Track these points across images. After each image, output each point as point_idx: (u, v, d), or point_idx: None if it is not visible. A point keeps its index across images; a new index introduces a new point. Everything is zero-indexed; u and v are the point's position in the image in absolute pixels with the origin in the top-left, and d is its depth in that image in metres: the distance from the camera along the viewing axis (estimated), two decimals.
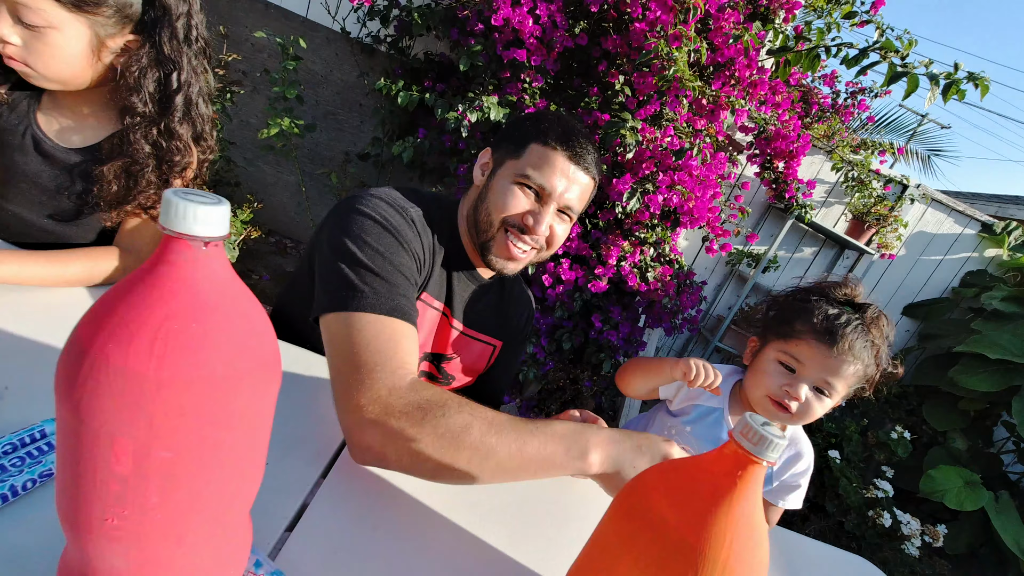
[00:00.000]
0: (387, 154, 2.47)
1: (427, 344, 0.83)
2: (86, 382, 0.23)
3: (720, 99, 1.68)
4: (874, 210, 2.69)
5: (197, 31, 0.71)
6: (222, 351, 0.26)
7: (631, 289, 2.10)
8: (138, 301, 0.24)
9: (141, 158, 0.69)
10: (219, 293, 0.26)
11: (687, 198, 1.71)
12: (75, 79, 0.67)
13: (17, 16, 0.59)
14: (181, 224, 0.24)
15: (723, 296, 3.15)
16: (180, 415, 0.25)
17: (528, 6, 1.69)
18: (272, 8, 2.41)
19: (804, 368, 0.77)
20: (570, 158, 0.72)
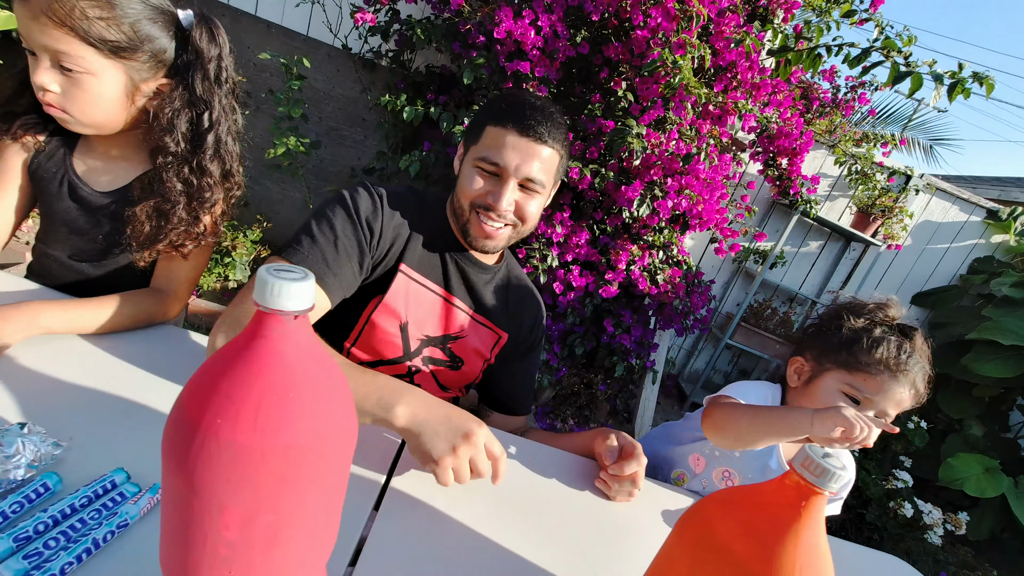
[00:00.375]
0: (392, 168, 2.49)
1: (429, 327, 0.84)
2: (198, 456, 0.25)
3: (727, 104, 1.69)
4: (879, 202, 2.69)
5: (227, 72, 0.73)
6: (314, 417, 0.27)
7: (641, 292, 2.12)
8: (239, 376, 0.26)
9: (173, 196, 0.71)
10: (307, 361, 0.28)
11: (696, 202, 1.73)
12: (110, 123, 0.68)
13: (58, 63, 0.61)
14: (276, 301, 0.26)
15: (731, 293, 3.16)
16: (282, 481, 0.26)
17: (530, 18, 1.71)
18: (274, 28, 2.43)
19: (870, 401, 0.78)
20: (521, 132, 0.74)
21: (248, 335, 0.27)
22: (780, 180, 2.39)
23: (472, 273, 0.86)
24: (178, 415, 0.26)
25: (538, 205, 0.80)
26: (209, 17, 0.71)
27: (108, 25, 0.61)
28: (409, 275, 0.81)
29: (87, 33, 0.60)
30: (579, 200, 1.99)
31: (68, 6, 0.58)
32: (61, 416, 0.51)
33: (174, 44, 0.69)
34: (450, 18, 1.93)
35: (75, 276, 0.77)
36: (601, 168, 1.83)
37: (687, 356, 3.36)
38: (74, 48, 0.60)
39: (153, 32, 0.65)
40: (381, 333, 0.81)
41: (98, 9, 0.60)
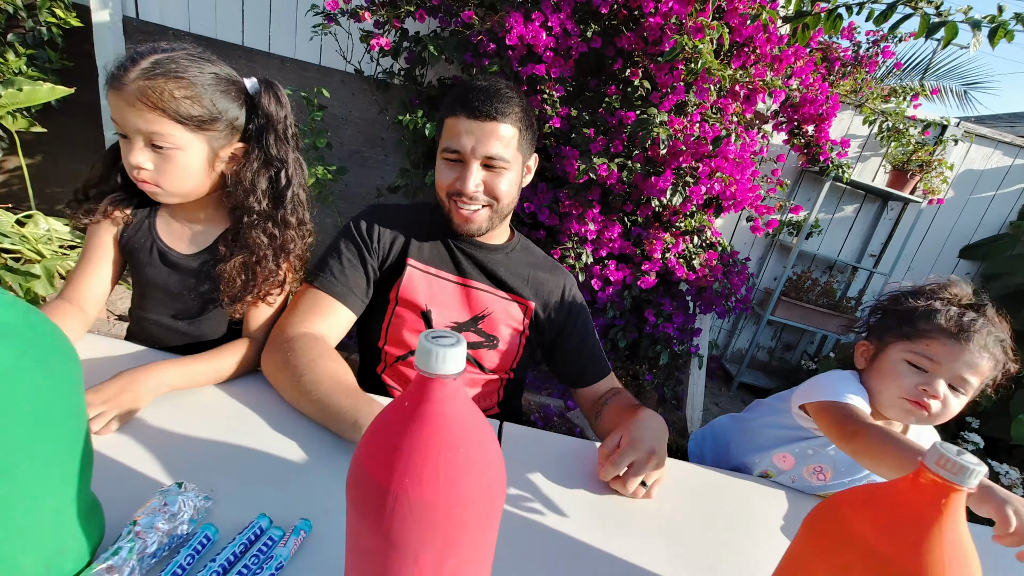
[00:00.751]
0: (417, 183, 2.53)
1: (454, 313, 0.90)
2: (393, 515, 0.27)
3: (755, 83, 1.66)
4: (915, 157, 2.59)
5: (292, 128, 0.77)
6: (481, 467, 0.30)
7: (679, 279, 2.10)
8: (416, 439, 0.28)
9: (261, 251, 0.76)
10: (467, 416, 0.30)
11: (728, 183, 1.70)
12: (196, 191, 0.74)
13: (150, 143, 0.67)
14: (439, 367, 0.28)
15: (767, 268, 3.10)
16: (462, 528, 0.29)
17: (540, 20, 1.71)
18: (288, 62, 2.50)
19: (938, 367, 0.76)
20: (471, 116, 0.78)
21: (415, 399, 0.29)
22: (808, 148, 2.33)
23: (482, 255, 0.91)
24: (365, 478, 0.29)
25: (508, 181, 0.84)
26: (271, 81, 0.76)
27: (192, 103, 0.66)
28: (419, 268, 0.89)
29: (176, 112, 0.65)
30: (607, 195, 1.99)
31: (159, 90, 0.64)
32: (200, 469, 0.55)
33: (244, 110, 0.73)
34: (459, 30, 1.95)
35: (174, 335, 0.82)
36: (627, 161, 1.82)
37: (728, 336, 3.32)
38: (165, 127, 0.65)
39: (227, 103, 0.70)
40: (407, 324, 0.88)
41: (183, 89, 0.65)
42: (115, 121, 0.67)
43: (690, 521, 0.67)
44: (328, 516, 0.52)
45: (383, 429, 0.29)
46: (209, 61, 0.70)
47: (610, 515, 0.64)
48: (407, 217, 0.92)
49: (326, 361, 0.70)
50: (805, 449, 0.87)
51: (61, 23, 2.16)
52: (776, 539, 0.69)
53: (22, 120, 2.14)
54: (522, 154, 0.85)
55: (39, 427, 0.33)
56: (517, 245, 0.96)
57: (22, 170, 2.37)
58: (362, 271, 0.86)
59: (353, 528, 0.30)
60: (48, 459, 0.35)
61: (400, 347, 0.91)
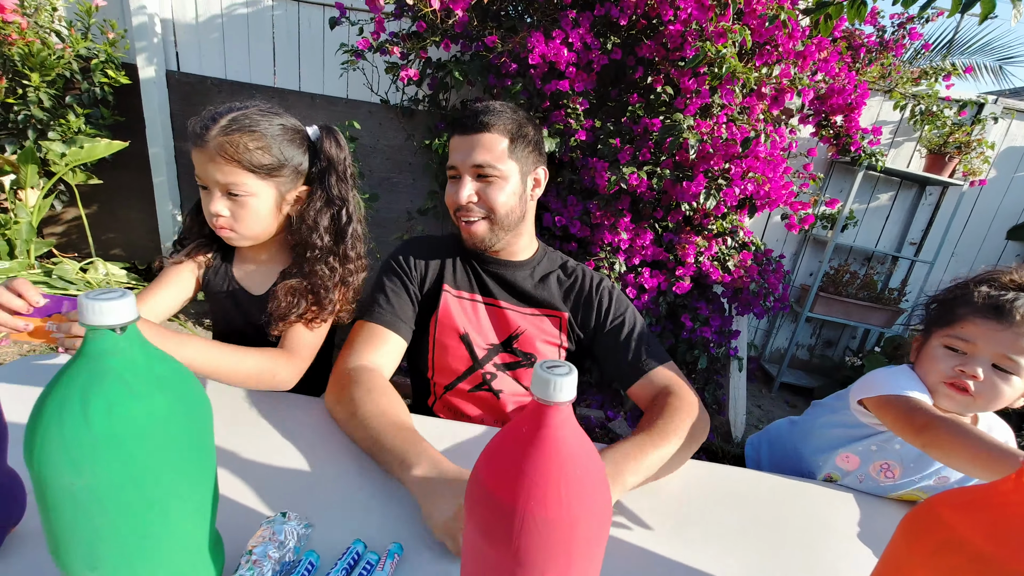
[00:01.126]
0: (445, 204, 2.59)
1: (491, 335, 0.93)
2: (520, 535, 0.30)
3: (782, 84, 1.66)
4: (952, 139, 2.51)
5: (350, 168, 0.83)
6: (595, 485, 0.32)
7: (714, 282, 2.08)
8: (538, 462, 0.31)
9: (324, 282, 0.80)
10: (579, 439, 0.32)
11: (762, 183, 1.69)
12: (266, 233, 0.80)
13: (227, 192, 0.74)
14: (555, 396, 0.30)
15: (801, 264, 3.03)
16: (584, 544, 0.31)
17: (560, 37, 1.76)
18: (317, 98, 2.62)
19: (975, 347, 0.75)
20: (460, 132, 0.84)
21: (532, 424, 0.31)
22: (837, 138, 2.29)
23: (507, 273, 0.94)
24: (490, 500, 0.31)
25: (503, 191, 0.85)
26: (331, 127, 0.82)
27: (263, 152, 0.73)
28: (453, 294, 0.92)
29: (250, 163, 0.72)
30: (637, 203, 2.00)
31: (235, 143, 0.70)
32: (296, 498, 0.59)
33: (307, 156, 0.79)
34: (481, 53, 2.01)
35: None
36: (656, 168, 1.83)
37: (765, 336, 3.24)
38: (240, 177, 0.72)
39: (293, 150, 0.77)
40: (449, 350, 0.92)
41: (254, 141, 0.72)
42: (198, 176, 0.74)
43: (761, 532, 0.67)
44: (416, 539, 0.55)
45: (504, 454, 0.32)
46: (277, 114, 0.77)
47: (673, 527, 0.65)
48: (440, 246, 0.96)
49: (377, 396, 0.72)
50: (869, 446, 0.86)
51: (112, 82, 2.32)
52: (853, 546, 0.68)
53: (81, 174, 2.31)
54: (518, 164, 0.86)
55: (186, 467, 0.37)
56: (543, 258, 0.98)
57: (82, 220, 2.55)
58: (407, 297, 0.90)
59: (476, 548, 0.33)
60: (191, 495, 0.39)
61: (446, 375, 0.94)
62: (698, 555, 0.60)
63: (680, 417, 0.75)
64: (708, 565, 0.59)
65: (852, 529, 0.71)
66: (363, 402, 0.71)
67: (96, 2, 2.24)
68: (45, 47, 2.10)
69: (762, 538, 0.65)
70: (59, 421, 0.31)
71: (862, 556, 0.65)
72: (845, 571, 0.62)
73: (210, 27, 2.57)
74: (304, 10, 2.54)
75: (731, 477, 0.78)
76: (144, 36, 2.45)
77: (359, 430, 0.69)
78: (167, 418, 0.34)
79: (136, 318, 0.34)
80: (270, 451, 0.67)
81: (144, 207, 2.79)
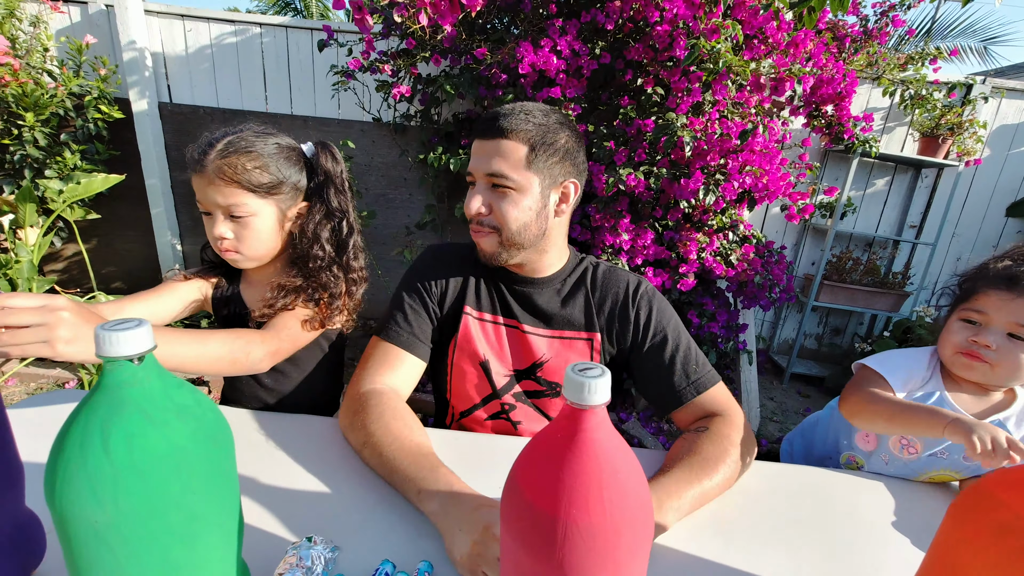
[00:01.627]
0: (443, 216, 2.60)
1: (513, 360, 0.86)
2: (564, 544, 0.29)
3: (780, 73, 1.67)
4: (944, 121, 2.52)
5: (348, 181, 0.84)
6: (636, 488, 0.31)
7: (718, 277, 2.08)
8: (577, 467, 0.30)
9: (331, 289, 0.80)
10: (616, 442, 0.31)
11: (760, 176, 1.69)
12: (270, 252, 0.80)
13: (229, 215, 0.74)
14: (590, 399, 0.29)
15: (803, 254, 3.03)
16: (629, 550, 0.30)
17: (549, 46, 1.77)
18: (310, 120, 2.63)
19: (988, 318, 0.76)
20: (480, 136, 0.77)
21: (567, 430, 0.30)
22: (830, 128, 2.30)
23: (533, 292, 0.85)
24: (530, 510, 0.30)
25: (514, 204, 0.75)
26: (325, 143, 0.82)
27: (261, 171, 0.73)
28: (474, 316, 0.86)
29: (249, 182, 0.72)
30: (636, 203, 2.00)
31: (233, 165, 0.71)
32: (320, 522, 0.58)
33: (304, 173, 0.80)
34: (471, 66, 2.02)
35: (261, 391, 0.87)
36: (652, 167, 1.83)
37: (772, 328, 3.23)
38: (240, 198, 0.72)
39: (290, 168, 0.77)
40: (467, 376, 0.86)
41: (252, 161, 0.72)
42: (199, 201, 0.74)
43: (797, 525, 0.65)
44: (442, 556, 0.54)
45: (540, 462, 0.31)
46: (271, 134, 0.77)
47: (709, 525, 0.63)
48: (464, 258, 0.89)
49: (389, 420, 0.69)
50: None
51: (106, 117, 2.34)
52: (885, 533, 0.66)
53: (79, 210, 2.31)
54: (538, 175, 0.76)
55: (209, 495, 0.36)
56: (574, 269, 0.88)
57: (82, 255, 2.55)
58: (426, 316, 0.85)
59: (517, 560, 0.31)
60: (216, 524, 0.37)
61: (464, 401, 0.89)
62: (740, 554, 0.58)
63: (725, 446, 0.68)
64: (751, 564, 0.57)
65: (886, 516, 0.70)
66: (375, 429, 0.68)
67: (87, 39, 2.26)
68: (38, 87, 2.11)
69: (801, 534, 0.63)
70: (80, 456, 0.30)
71: (900, 544, 0.64)
72: (887, 560, 0.60)
73: (200, 57, 2.60)
74: (292, 35, 2.57)
75: (761, 472, 0.76)
76: (135, 70, 2.47)
77: (373, 458, 0.66)
78: (188, 446, 0.33)
79: (153, 347, 0.33)
80: (290, 475, 0.66)
81: (142, 238, 2.79)
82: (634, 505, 0.30)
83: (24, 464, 0.44)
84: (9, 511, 0.41)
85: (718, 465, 0.66)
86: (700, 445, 0.68)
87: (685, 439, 0.72)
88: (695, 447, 0.68)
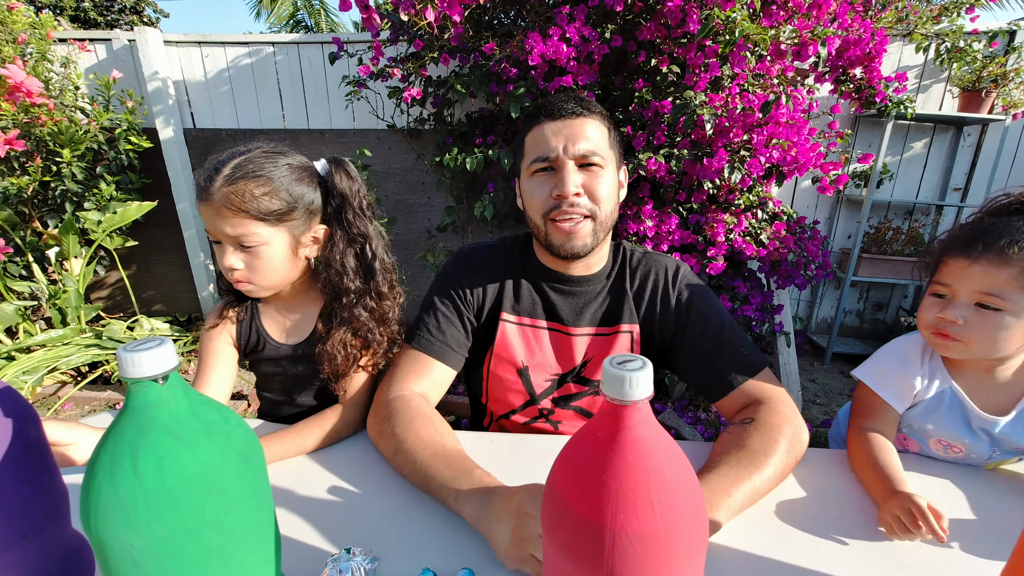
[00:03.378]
0: (464, 218, 2.59)
1: (556, 365, 0.83)
2: (613, 553, 0.27)
3: (802, 36, 1.59)
4: (986, 73, 2.35)
5: (366, 199, 0.79)
6: (687, 488, 0.28)
7: (749, 257, 2.00)
8: (621, 469, 0.27)
9: (366, 327, 0.77)
10: (661, 438, 0.29)
11: (787, 148, 1.61)
12: (286, 280, 0.76)
13: (238, 244, 0.70)
14: (632, 393, 0.27)
15: (837, 228, 2.89)
16: (684, 555, 0.27)
17: (558, 34, 1.73)
18: (327, 133, 2.67)
19: (952, 289, 0.67)
20: (555, 117, 0.73)
21: (609, 428, 0.28)
22: (859, 92, 2.18)
23: (578, 292, 0.82)
24: (574, 519, 0.28)
25: (607, 183, 0.74)
26: (340, 159, 0.78)
27: (271, 198, 0.69)
28: (512, 321, 0.83)
29: (258, 211, 0.68)
30: (657, 188, 1.94)
31: (240, 193, 0.67)
32: (359, 533, 0.57)
33: (319, 192, 0.75)
34: (480, 64, 2.01)
35: (296, 408, 0.86)
36: (672, 150, 1.77)
37: (808, 308, 3.09)
38: (250, 227, 0.69)
39: (303, 189, 0.72)
40: (504, 383, 0.84)
41: (260, 187, 0.68)
42: (208, 231, 0.71)
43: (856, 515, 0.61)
44: (486, 562, 0.52)
45: (582, 464, 0.29)
46: (282, 153, 0.73)
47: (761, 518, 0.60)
48: (498, 259, 0.86)
49: (419, 427, 0.67)
50: (911, 425, 0.76)
51: (136, 148, 2.43)
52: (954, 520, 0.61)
53: (118, 238, 2.42)
54: (615, 156, 0.76)
55: (243, 512, 0.35)
56: (617, 259, 0.85)
57: (124, 282, 2.66)
58: (459, 324, 0.82)
59: (561, 570, 0.30)
60: (253, 542, 0.37)
61: (502, 406, 0.87)
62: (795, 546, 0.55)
63: (774, 436, 0.65)
64: (807, 558, 0.53)
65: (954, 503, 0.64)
66: (406, 436, 0.66)
67: (114, 75, 2.35)
68: (72, 124, 2.21)
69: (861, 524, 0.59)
70: (111, 480, 0.30)
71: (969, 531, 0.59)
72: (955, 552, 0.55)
73: (219, 81, 2.67)
74: (304, 51, 2.61)
75: (814, 460, 0.72)
76: (160, 99, 2.57)
77: (407, 465, 0.64)
78: (218, 465, 0.33)
79: (176, 365, 0.32)
80: (327, 486, 0.66)
81: (178, 260, 2.90)
82: (687, 507, 0.27)
83: (74, 487, 0.45)
84: (57, 535, 0.42)
85: (768, 458, 0.62)
86: (748, 438, 0.65)
87: (731, 432, 0.68)
88: (743, 440, 0.65)
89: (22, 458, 0.38)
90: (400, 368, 0.78)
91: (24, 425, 0.38)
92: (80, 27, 7.42)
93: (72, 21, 7.85)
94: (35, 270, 2.26)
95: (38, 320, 2.29)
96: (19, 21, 2.24)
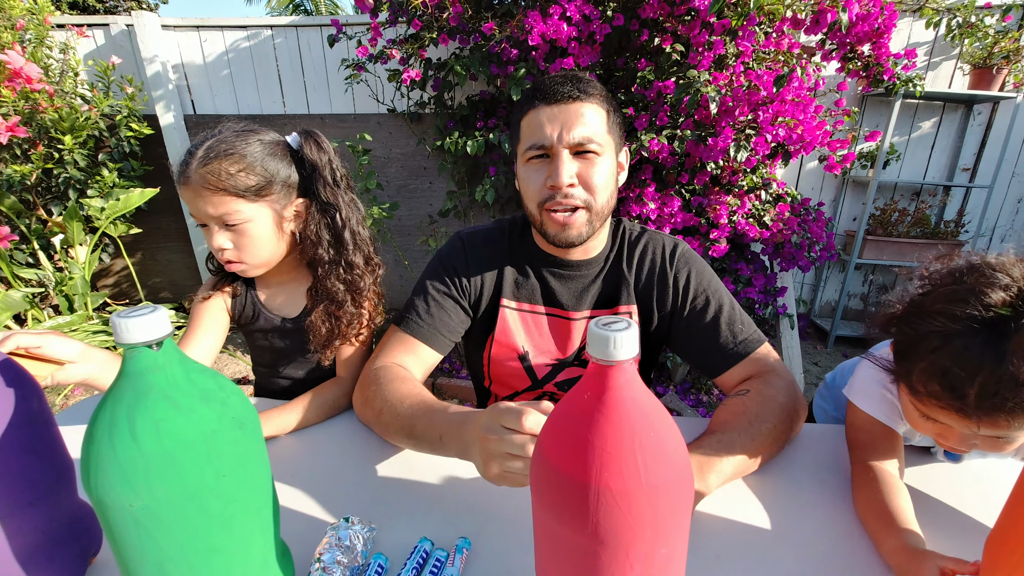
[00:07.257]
0: (465, 202, 2.59)
1: (557, 350, 0.83)
2: (598, 512, 0.27)
3: (820, 4, 1.54)
4: (998, 49, 2.29)
5: (339, 171, 0.79)
6: (673, 447, 0.29)
7: (752, 240, 1.98)
8: (607, 429, 0.28)
9: (340, 296, 0.78)
10: (647, 399, 0.29)
11: (794, 126, 1.59)
12: (275, 256, 0.77)
13: (223, 224, 0.71)
14: (617, 353, 0.27)
15: (842, 210, 2.85)
16: (670, 515, 0.28)
17: (558, 12, 1.70)
18: (327, 118, 2.66)
19: (951, 429, 0.53)
20: (550, 101, 0.69)
21: (595, 388, 0.29)
22: (867, 69, 2.13)
23: (577, 276, 0.82)
24: (560, 479, 0.29)
25: (603, 171, 0.71)
26: (311, 131, 0.77)
27: (247, 174, 0.69)
28: (512, 307, 0.83)
29: (236, 188, 0.69)
30: (659, 170, 1.92)
31: (216, 172, 0.68)
32: (357, 502, 0.58)
33: (293, 166, 0.75)
34: (480, 45, 1.98)
35: (288, 382, 0.88)
36: (675, 131, 1.75)
37: (812, 291, 3.08)
38: (231, 205, 0.69)
39: (277, 164, 0.73)
40: (505, 368, 0.85)
41: (235, 165, 0.69)
42: (192, 215, 0.72)
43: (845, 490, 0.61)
44: (483, 532, 0.53)
45: (568, 425, 0.29)
46: (253, 131, 0.74)
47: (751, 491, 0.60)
48: (496, 244, 0.84)
49: (402, 385, 0.68)
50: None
51: (137, 134, 2.43)
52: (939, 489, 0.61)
53: (121, 226, 2.43)
54: (614, 140, 0.73)
55: (240, 476, 0.36)
56: (612, 247, 0.83)
57: (129, 269, 2.69)
58: (451, 310, 0.81)
59: (549, 531, 0.30)
60: (251, 507, 0.38)
61: (505, 389, 0.88)
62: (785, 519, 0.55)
63: (771, 407, 0.64)
64: (797, 531, 0.54)
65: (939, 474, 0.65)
66: (387, 395, 0.67)
67: (113, 60, 2.34)
68: (73, 111, 2.21)
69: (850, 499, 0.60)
70: (110, 443, 0.31)
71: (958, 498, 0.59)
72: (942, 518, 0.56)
73: (218, 66, 2.65)
74: (303, 34, 2.58)
75: (809, 435, 0.72)
76: (159, 85, 2.55)
77: (392, 423, 0.64)
78: (215, 430, 0.34)
79: (170, 332, 0.33)
80: (324, 458, 0.67)
81: (183, 248, 2.92)
82: (671, 466, 0.28)
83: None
84: (63, 503, 0.43)
85: (762, 427, 0.62)
86: (743, 408, 0.65)
87: (726, 404, 0.68)
88: (737, 410, 0.65)
89: (25, 427, 0.39)
90: (386, 347, 0.78)
91: (26, 395, 0.39)
92: (78, 13, 7.37)
93: (71, 7, 7.78)
94: (41, 257, 2.29)
95: (46, 307, 2.32)
96: (17, 6, 2.23)
